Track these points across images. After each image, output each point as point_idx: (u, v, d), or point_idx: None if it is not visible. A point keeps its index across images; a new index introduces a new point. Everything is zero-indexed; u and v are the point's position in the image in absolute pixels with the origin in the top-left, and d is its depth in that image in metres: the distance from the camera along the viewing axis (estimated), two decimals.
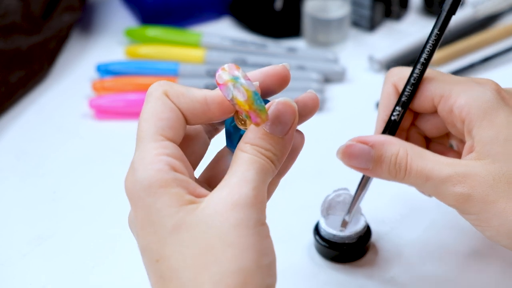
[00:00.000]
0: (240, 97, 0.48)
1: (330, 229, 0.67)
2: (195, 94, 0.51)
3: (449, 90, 0.59)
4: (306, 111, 0.53)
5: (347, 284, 0.67)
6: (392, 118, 0.61)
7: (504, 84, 0.61)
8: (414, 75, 0.60)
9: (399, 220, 0.72)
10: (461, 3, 0.60)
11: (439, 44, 0.61)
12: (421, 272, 0.67)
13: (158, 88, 0.51)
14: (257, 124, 0.48)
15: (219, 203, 0.47)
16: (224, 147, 0.55)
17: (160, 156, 0.48)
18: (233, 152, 0.51)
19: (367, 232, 0.68)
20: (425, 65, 0.60)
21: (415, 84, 0.60)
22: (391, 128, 0.61)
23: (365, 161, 0.59)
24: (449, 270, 0.67)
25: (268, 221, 0.49)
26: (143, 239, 0.48)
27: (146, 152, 0.48)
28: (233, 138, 0.52)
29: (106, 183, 0.77)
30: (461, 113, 0.58)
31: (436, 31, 0.60)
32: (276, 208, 0.58)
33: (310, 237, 0.70)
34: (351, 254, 0.68)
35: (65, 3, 0.92)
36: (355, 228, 0.67)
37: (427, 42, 0.61)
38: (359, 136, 0.60)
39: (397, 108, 0.61)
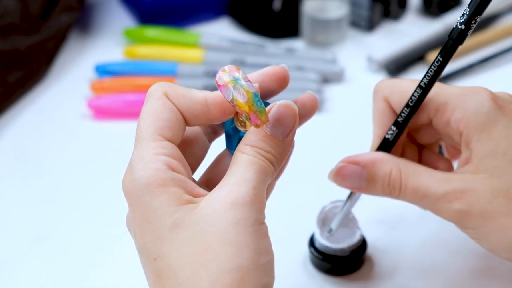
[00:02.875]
0: (240, 99, 0.48)
1: (324, 241, 0.67)
2: (196, 95, 0.51)
3: (444, 103, 0.58)
4: (305, 112, 0.53)
5: None
6: (386, 136, 0.60)
7: (503, 85, 0.60)
8: (413, 98, 0.58)
9: (396, 230, 0.72)
10: (468, 35, 0.56)
11: (442, 72, 0.57)
12: (419, 286, 0.67)
13: (158, 88, 0.51)
14: (257, 126, 0.48)
15: (217, 202, 0.47)
16: (224, 150, 0.55)
17: (159, 155, 0.48)
18: (232, 154, 0.51)
19: (362, 245, 0.67)
20: (424, 90, 0.57)
21: (412, 108, 0.58)
22: (385, 146, 0.60)
23: (358, 181, 0.59)
24: (448, 283, 0.67)
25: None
26: (141, 238, 0.48)
27: (145, 152, 0.48)
28: (233, 139, 0.52)
29: (105, 184, 0.77)
30: (459, 127, 0.57)
31: (439, 57, 0.57)
32: (273, 212, 0.58)
33: (305, 247, 0.69)
34: (344, 267, 0.67)
35: (63, 3, 0.92)
36: (348, 241, 0.67)
37: (429, 67, 0.57)
38: (349, 156, 0.59)
39: (392, 127, 0.59)
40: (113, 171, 0.78)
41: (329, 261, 0.67)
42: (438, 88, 0.59)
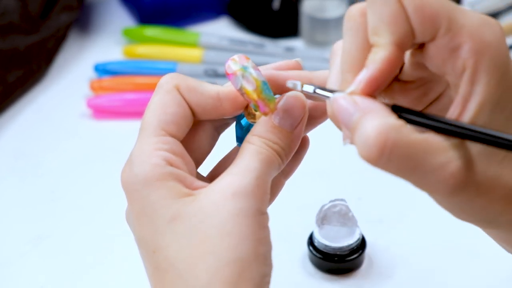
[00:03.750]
0: (249, 87, 0.48)
1: (323, 240, 0.67)
2: (208, 89, 0.50)
3: (461, 24, 0.43)
4: (319, 113, 0.52)
5: None
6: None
7: None
8: None
9: (396, 230, 0.72)
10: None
11: None
12: (417, 285, 0.67)
13: (169, 80, 0.50)
14: (265, 114, 0.48)
15: (218, 193, 0.47)
16: (234, 147, 0.54)
17: (158, 151, 0.48)
18: None
19: (361, 244, 0.68)
20: None
21: None
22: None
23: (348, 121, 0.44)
24: (447, 283, 0.67)
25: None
26: (139, 231, 0.48)
27: (145, 146, 0.48)
28: (243, 135, 0.52)
29: (104, 183, 0.77)
30: (468, 61, 0.43)
31: None
32: (273, 211, 0.58)
33: (304, 246, 0.69)
34: (343, 266, 0.67)
35: (63, 3, 0.92)
36: (348, 240, 0.67)
37: None
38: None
39: None
40: (112, 171, 0.78)
41: (328, 260, 0.67)
42: (457, 8, 0.44)
